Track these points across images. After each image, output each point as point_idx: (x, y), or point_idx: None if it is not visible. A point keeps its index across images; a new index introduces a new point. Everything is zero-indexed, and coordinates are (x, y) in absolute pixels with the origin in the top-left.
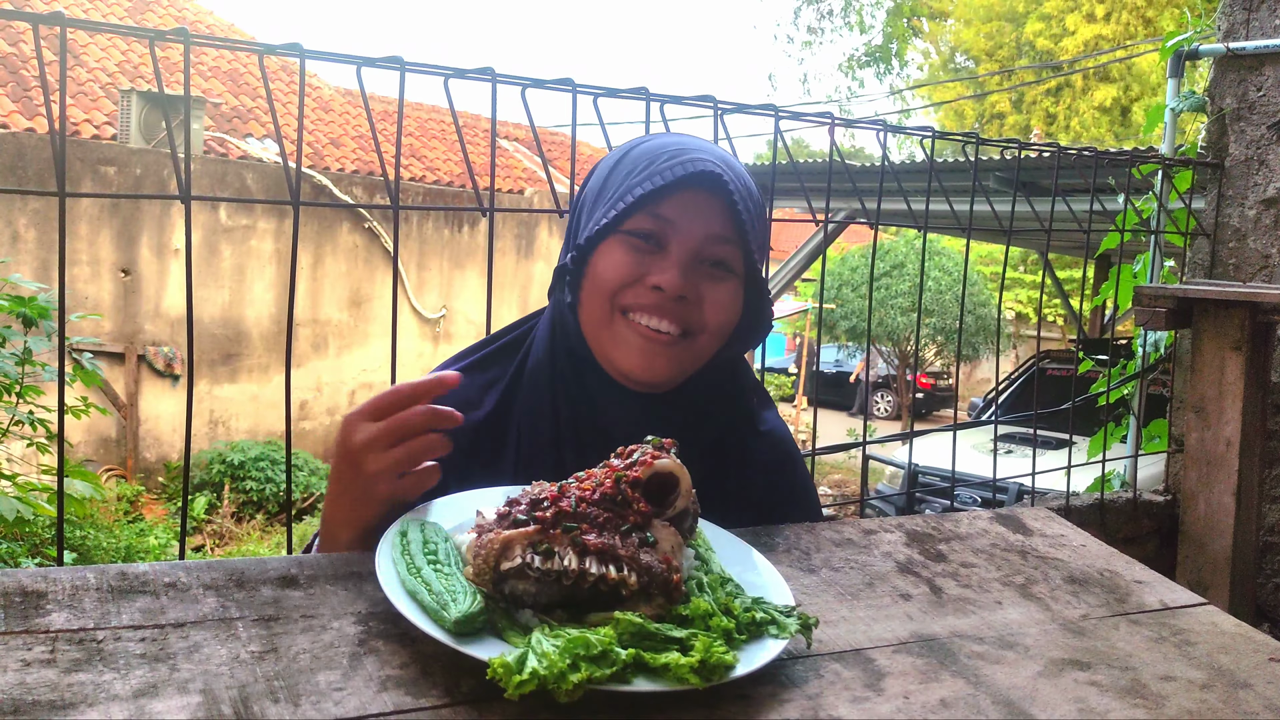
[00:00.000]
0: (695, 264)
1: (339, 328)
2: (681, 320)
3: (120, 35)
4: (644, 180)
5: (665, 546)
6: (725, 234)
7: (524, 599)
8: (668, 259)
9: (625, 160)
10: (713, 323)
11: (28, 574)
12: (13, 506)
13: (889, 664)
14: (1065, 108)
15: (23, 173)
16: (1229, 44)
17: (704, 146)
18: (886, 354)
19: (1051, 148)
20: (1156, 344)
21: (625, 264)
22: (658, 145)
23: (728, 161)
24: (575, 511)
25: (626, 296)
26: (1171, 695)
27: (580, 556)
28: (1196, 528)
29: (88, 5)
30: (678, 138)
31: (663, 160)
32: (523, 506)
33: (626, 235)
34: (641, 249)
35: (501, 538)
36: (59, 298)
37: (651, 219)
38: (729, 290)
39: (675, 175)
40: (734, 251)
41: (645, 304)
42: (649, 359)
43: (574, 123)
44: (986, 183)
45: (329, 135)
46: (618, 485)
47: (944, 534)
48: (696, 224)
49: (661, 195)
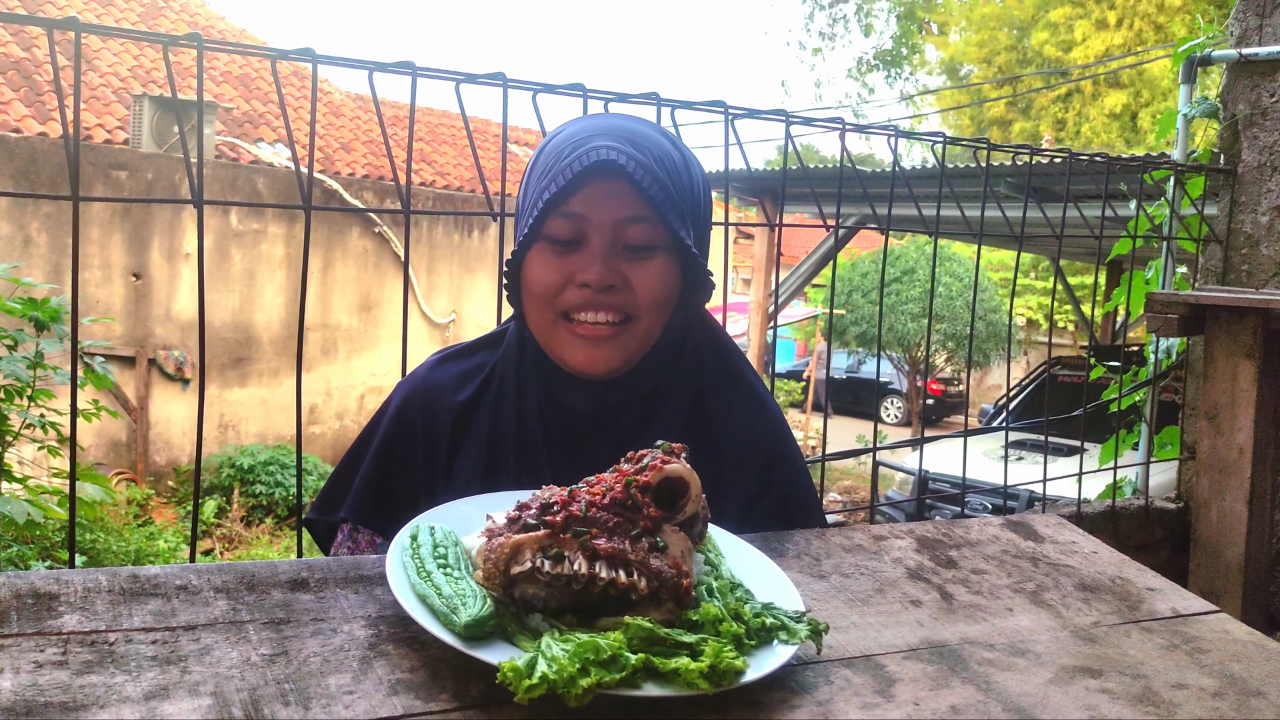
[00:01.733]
0: (615, 251)
1: (349, 332)
2: (617, 308)
3: (133, 40)
4: (549, 183)
5: (675, 551)
6: (636, 213)
7: (534, 603)
8: (588, 253)
9: (539, 160)
10: (646, 302)
11: (40, 576)
12: (23, 510)
13: (899, 670)
14: (1075, 114)
15: (35, 177)
16: (1242, 50)
17: (604, 127)
18: (897, 360)
19: (1063, 153)
20: (1168, 350)
21: (551, 269)
22: (563, 139)
23: (630, 138)
24: (585, 516)
25: (561, 300)
26: (1183, 703)
27: (590, 561)
28: (1209, 535)
29: (100, 11)
30: (583, 124)
31: (565, 157)
32: (533, 511)
33: (547, 241)
34: (563, 250)
35: (512, 542)
36: (72, 301)
37: (564, 219)
38: (656, 267)
39: (574, 172)
40: (650, 228)
41: (579, 303)
42: (594, 353)
43: None
44: (998, 188)
45: (340, 140)
46: (628, 490)
47: (954, 540)
48: (605, 212)
49: (568, 194)
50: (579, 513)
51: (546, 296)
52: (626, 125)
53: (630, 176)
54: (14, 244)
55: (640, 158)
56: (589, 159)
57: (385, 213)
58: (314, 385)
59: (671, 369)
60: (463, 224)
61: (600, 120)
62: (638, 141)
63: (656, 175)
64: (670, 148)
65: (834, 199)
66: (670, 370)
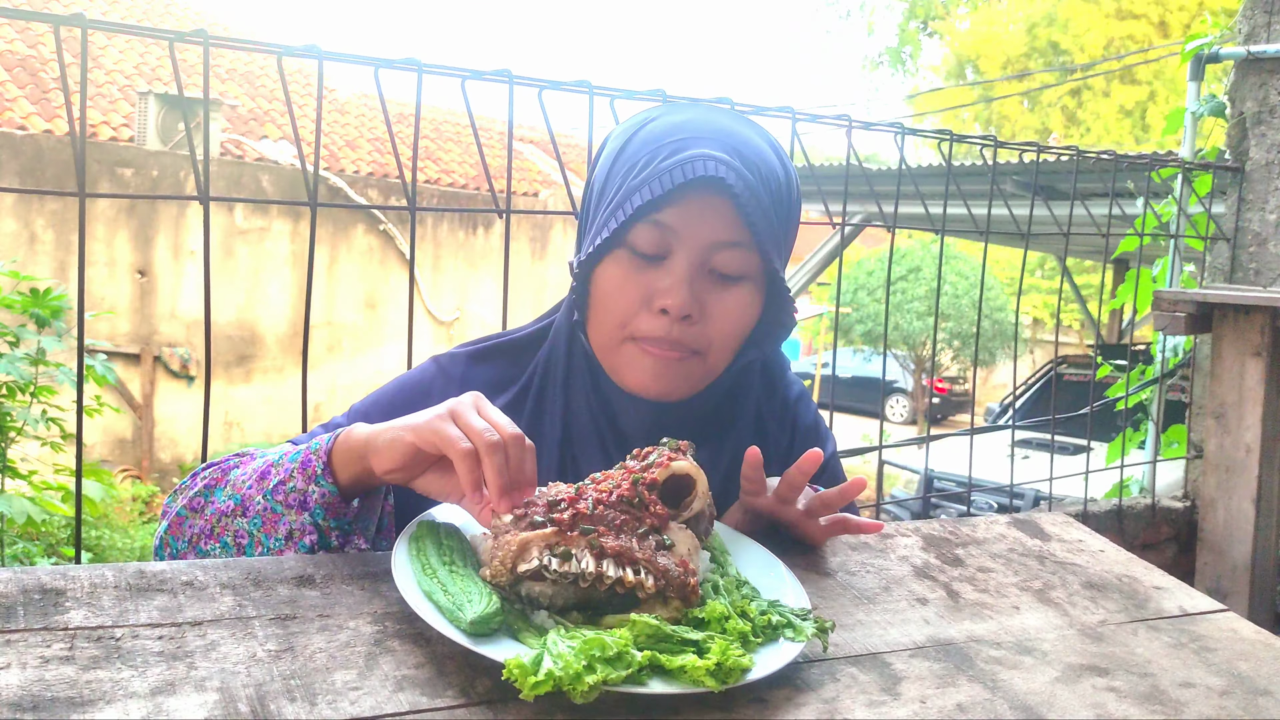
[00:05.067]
0: (701, 275)
1: (353, 330)
2: (689, 343)
3: (138, 37)
4: (642, 185)
5: (682, 549)
6: (733, 239)
7: (540, 600)
8: (672, 273)
9: (627, 150)
10: (720, 338)
11: (47, 572)
12: (24, 508)
13: (905, 668)
14: (1088, 111)
15: (41, 174)
16: (1250, 47)
17: (709, 130)
18: (902, 359)
19: (1070, 151)
20: (1175, 349)
21: (631, 285)
22: (658, 134)
23: (736, 147)
24: (593, 514)
25: (634, 324)
26: (1190, 702)
27: (598, 559)
28: (1215, 534)
29: (106, 8)
30: (681, 120)
31: (662, 158)
32: (539, 508)
33: (629, 251)
34: (644, 264)
35: (519, 540)
36: (78, 298)
37: (653, 229)
38: (739, 297)
39: (674, 182)
40: (744, 255)
41: (652, 333)
42: (659, 380)
43: (590, 125)
44: (1004, 186)
45: (345, 137)
46: (635, 488)
47: (961, 538)
48: (701, 233)
49: (662, 202)
50: (586, 510)
51: (619, 317)
52: (733, 129)
53: (736, 199)
54: (19, 241)
55: (748, 177)
56: (694, 171)
57: (391, 209)
58: (319, 383)
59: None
60: (468, 222)
61: (702, 116)
62: (745, 155)
63: (761, 200)
64: (776, 163)
65: (840, 197)
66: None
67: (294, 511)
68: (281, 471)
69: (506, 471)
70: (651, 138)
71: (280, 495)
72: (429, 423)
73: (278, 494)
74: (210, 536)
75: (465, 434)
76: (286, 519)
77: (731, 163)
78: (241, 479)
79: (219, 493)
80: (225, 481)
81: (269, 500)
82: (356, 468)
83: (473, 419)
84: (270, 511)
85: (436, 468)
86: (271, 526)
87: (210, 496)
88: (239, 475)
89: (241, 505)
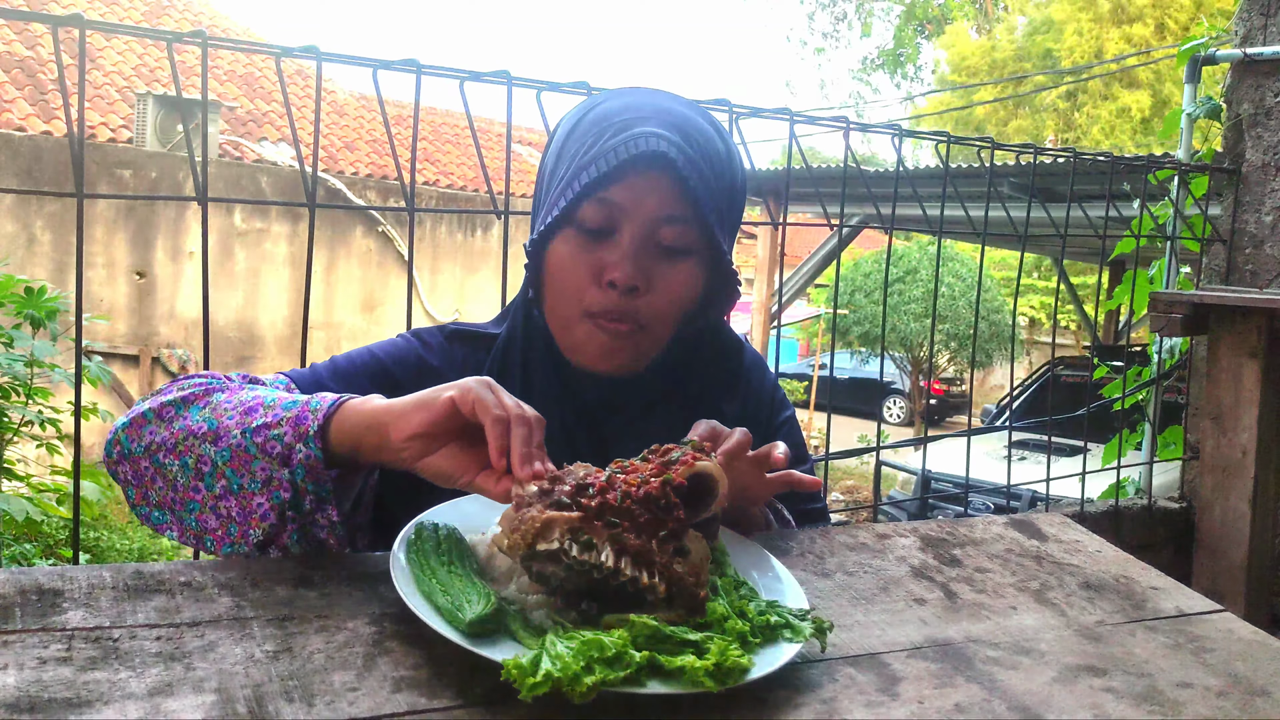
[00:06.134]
0: (647, 249)
1: (352, 331)
2: (636, 315)
3: (136, 38)
4: (589, 165)
5: (696, 558)
6: (677, 213)
7: (550, 581)
8: (619, 248)
9: (575, 132)
10: (665, 310)
11: (44, 572)
12: (23, 508)
13: (903, 668)
14: (1085, 115)
15: (39, 175)
16: (1246, 49)
17: (652, 110)
18: (899, 360)
19: (1067, 153)
20: (1172, 350)
21: (579, 263)
22: (605, 114)
23: (678, 124)
24: (621, 507)
25: (586, 299)
26: (1188, 702)
27: (618, 555)
28: (1212, 536)
29: (104, 9)
30: (627, 102)
31: (608, 136)
32: (566, 488)
33: (577, 229)
34: (592, 242)
35: (545, 517)
36: (76, 299)
37: (600, 206)
38: (684, 271)
39: (619, 158)
40: (688, 230)
41: (602, 308)
42: (608, 355)
43: None
44: (1001, 188)
45: (343, 139)
46: (664, 489)
47: (958, 539)
48: (644, 207)
49: (609, 180)
50: (615, 502)
51: (572, 291)
52: (674, 109)
53: (679, 173)
54: (18, 242)
55: (690, 152)
56: (637, 147)
57: (389, 210)
58: None
59: (683, 372)
60: (466, 223)
61: (645, 99)
62: (687, 132)
63: (703, 174)
64: (716, 140)
65: (838, 198)
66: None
67: (275, 463)
68: (269, 415)
69: (530, 443)
70: (598, 119)
71: (260, 438)
72: (466, 386)
73: (258, 436)
74: (171, 451)
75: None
76: (263, 464)
77: (674, 139)
78: (224, 405)
79: (194, 410)
80: (205, 402)
81: (246, 439)
82: (362, 437)
83: (499, 392)
84: (243, 450)
85: (455, 443)
86: (241, 464)
87: (183, 410)
88: (221, 400)
89: (215, 432)
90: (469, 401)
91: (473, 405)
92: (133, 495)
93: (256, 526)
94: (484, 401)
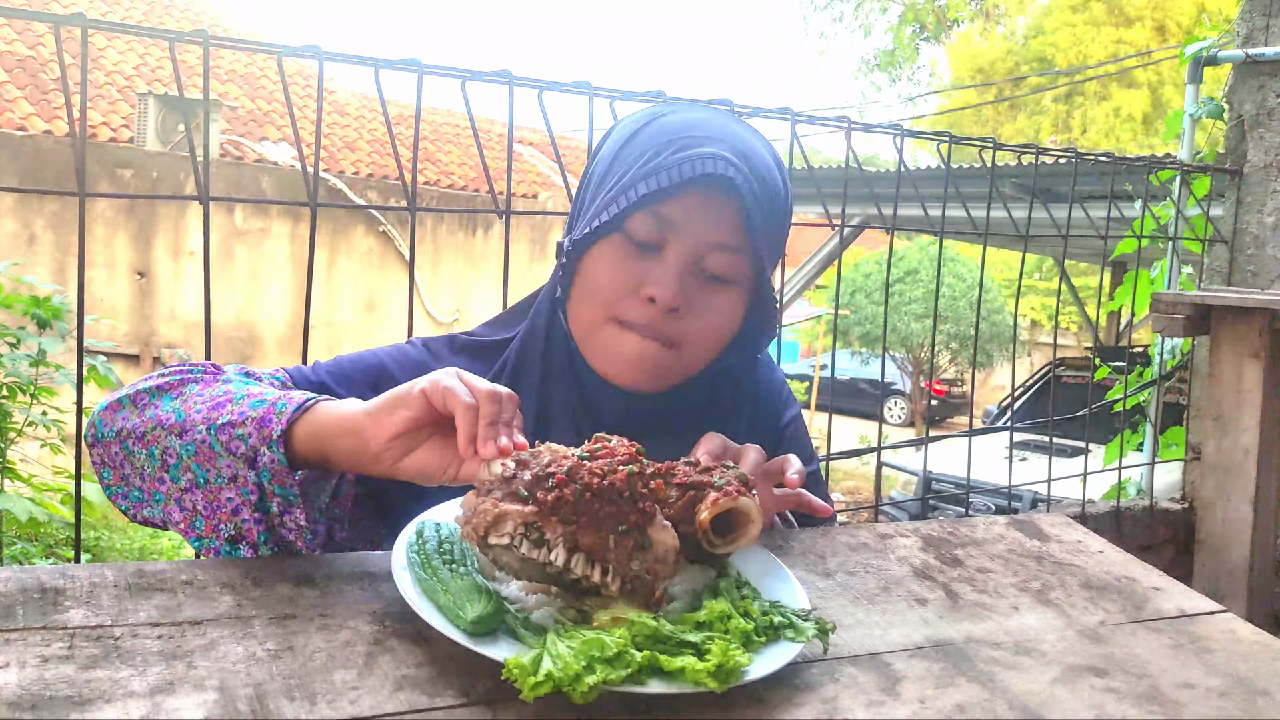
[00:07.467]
0: (693, 272)
1: (353, 331)
2: (670, 336)
3: (138, 37)
4: (648, 176)
5: (659, 551)
6: (730, 243)
7: (506, 568)
8: (664, 265)
9: (636, 140)
10: (700, 338)
11: (46, 571)
12: (25, 508)
13: (905, 668)
14: (1082, 116)
15: (40, 175)
16: (1248, 50)
17: (721, 132)
18: (900, 361)
19: (1069, 153)
20: (1173, 351)
21: (620, 271)
22: (671, 128)
23: (745, 152)
24: (578, 502)
25: (619, 308)
26: (1189, 702)
27: (569, 552)
28: (1213, 537)
29: (105, 9)
30: (695, 119)
31: (671, 151)
32: (527, 478)
33: (624, 237)
34: (637, 253)
35: (497, 511)
36: (78, 298)
37: (652, 220)
38: (726, 301)
39: (684, 176)
40: (738, 260)
41: (637, 319)
42: (632, 369)
43: (590, 126)
44: (1003, 189)
45: (345, 139)
46: (630, 480)
47: (960, 539)
48: (700, 231)
49: (666, 194)
50: (572, 497)
51: (605, 299)
52: (742, 135)
53: (743, 202)
54: (19, 242)
55: (754, 184)
56: (704, 167)
57: (390, 210)
58: None
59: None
60: (467, 223)
61: (715, 118)
62: (753, 162)
63: (763, 207)
64: (776, 172)
65: (839, 199)
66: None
67: (240, 462)
68: (235, 413)
69: (499, 419)
70: (663, 131)
71: (225, 436)
72: (434, 378)
73: (223, 434)
74: (140, 440)
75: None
76: (228, 462)
77: (740, 166)
78: (195, 398)
79: (166, 400)
80: (179, 392)
81: (211, 435)
82: (334, 442)
83: (469, 379)
84: (207, 447)
85: (434, 440)
86: (206, 460)
87: (156, 399)
88: (194, 392)
89: (181, 425)
90: (439, 392)
91: (443, 396)
92: (108, 477)
93: (228, 521)
94: (453, 391)
